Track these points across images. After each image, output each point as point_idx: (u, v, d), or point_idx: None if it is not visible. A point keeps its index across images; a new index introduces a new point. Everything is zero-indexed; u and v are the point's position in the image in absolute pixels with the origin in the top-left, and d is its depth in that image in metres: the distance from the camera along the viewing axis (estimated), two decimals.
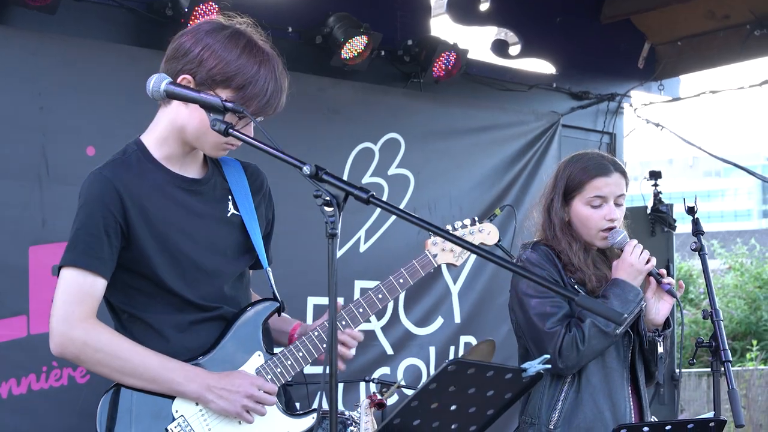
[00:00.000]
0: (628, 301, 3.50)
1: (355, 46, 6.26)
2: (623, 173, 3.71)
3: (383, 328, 6.54)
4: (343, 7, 6.38)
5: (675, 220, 7.67)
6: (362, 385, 6.40)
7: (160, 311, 2.83)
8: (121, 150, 2.90)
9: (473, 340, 6.80)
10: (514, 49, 7.41)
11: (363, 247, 6.50)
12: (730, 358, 3.21)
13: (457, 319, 6.77)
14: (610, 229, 3.64)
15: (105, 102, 5.33)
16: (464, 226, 3.27)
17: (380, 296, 3.09)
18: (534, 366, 2.68)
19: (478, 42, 7.40)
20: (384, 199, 6.54)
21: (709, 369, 3.34)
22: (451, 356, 6.70)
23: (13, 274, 5.00)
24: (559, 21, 7.59)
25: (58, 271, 2.81)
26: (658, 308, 3.58)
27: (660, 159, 50.39)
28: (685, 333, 17.32)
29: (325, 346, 2.92)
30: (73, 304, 2.74)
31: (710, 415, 3.22)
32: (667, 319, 3.61)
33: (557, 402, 3.54)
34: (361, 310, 3.05)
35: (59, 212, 5.11)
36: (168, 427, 2.77)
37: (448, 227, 3.23)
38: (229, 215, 2.96)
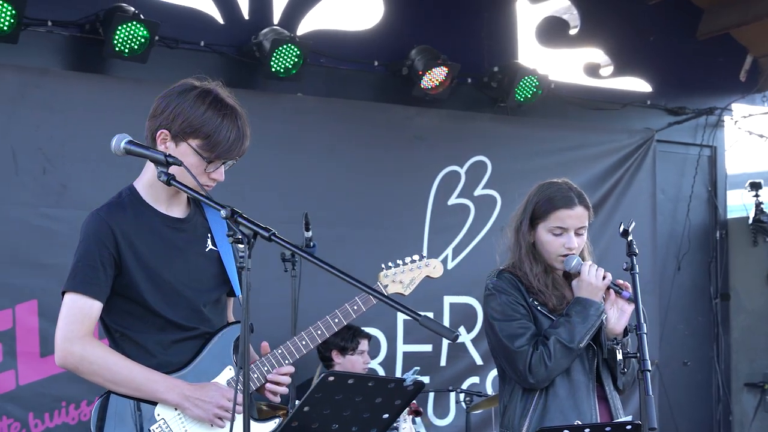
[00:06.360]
0: (590, 316, 3.78)
1: (435, 77, 6.64)
2: (587, 206, 3.93)
3: (473, 340, 6.91)
4: (430, 39, 6.78)
5: None
6: (452, 395, 6.75)
7: (147, 331, 3.32)
8: (116, 194, 3.43)
9: None
10: (606, 70, 7.58)
11: (450, 264, 6.86)
12: (649, 368, 3.39)
13: None
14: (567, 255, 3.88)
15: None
16: (413, 261, 3.64)
17: (336, 320, 3.45)
18: (410, 377, 3.04)
19: (568, 64, 7.61)
20: (470, 219, 6.91)
21: None
22: None
23: None
24: (653, 39, 7.73)
25: (62, 296, 3.32)
26: (617, 318, 3.83)
27: None
28: None
29: (287, 362, 3.38)
30: (73, 323, 3.26)
31: (629, 418, 3.48)
32: (626, 327, 3.83)
33: (528, 412, 3.84)
34: (318, 332, 3.43)
35: None
36: (151, 428, 3.27)
37: (400, 261, 3.59)
38: (207, 250, 3.43)
